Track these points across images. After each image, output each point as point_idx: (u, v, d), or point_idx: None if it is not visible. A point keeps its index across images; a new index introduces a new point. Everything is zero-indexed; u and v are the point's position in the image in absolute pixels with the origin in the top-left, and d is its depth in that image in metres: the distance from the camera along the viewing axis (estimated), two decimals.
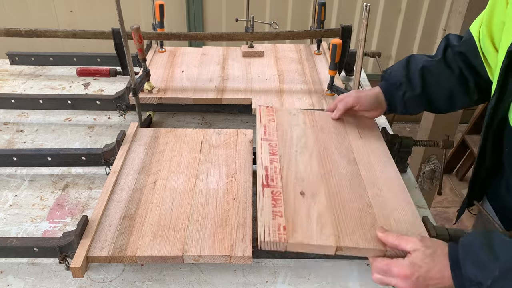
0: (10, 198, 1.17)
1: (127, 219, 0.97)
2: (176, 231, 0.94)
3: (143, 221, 0.97)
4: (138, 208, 1.00)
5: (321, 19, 1.63)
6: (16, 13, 3.08)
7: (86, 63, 1.75)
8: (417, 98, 1.12)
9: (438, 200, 2.98)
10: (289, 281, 0.96)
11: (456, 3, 1.86)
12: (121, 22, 1.18)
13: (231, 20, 3.24)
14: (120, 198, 1.03)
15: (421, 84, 1.11)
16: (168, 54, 1.72)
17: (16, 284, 0.95)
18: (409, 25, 3.31)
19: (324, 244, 0.85)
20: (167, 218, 0.97)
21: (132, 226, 0.95)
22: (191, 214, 0.98)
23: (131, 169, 1.12)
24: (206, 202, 1.02)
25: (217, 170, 1.11)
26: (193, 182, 1.07)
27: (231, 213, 0.99)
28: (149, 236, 0.93)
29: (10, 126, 1.47)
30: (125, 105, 1.41)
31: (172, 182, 1.07)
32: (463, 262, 0.75)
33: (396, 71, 1.16)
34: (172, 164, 1.13)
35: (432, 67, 1.11)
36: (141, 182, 1.08)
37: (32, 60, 1.77)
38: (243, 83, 1.52)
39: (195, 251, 0.90)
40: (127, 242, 0.92)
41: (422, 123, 2.34)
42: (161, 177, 1.09)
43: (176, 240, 0.92)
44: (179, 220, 0.97)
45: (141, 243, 0.92)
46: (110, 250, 0.90)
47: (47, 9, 3.07)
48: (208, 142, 1.21)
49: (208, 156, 1.16)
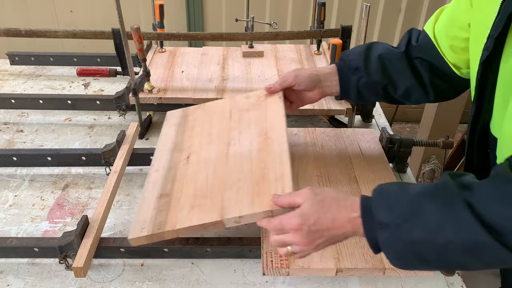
0: (10, 198, 1.17)
1: (164, 196, 0.93)
2: (212, 198, 0.89)
3: (179, 195, 0.92)
4: (174, 184, 0.95)
5: (321, 19, 1.63)
6: (16, 13, 3.07)
7: (86, 63, 1.75)
8: (372, 84, 1.08)
9: None
10: (289, 281, 0.96)
11: None
12: (121, 22, 1.18)
13: (231, 20, 3.24)
14: (155, 179, 0.99)
15: (380, 71, 1.07)
16: (168, 54, 1.72)
17: (16, 284, 0.95)
18: (409, 25, 3.31)
19: (324, 267, 0.87)
20: (203, 188, 0.92)
21: (169, 203, 0.91)
22: (226, 179, 0.92)
23: (164, 150, 1.07)
24: (241, 164, 0.95)
25: (248, 132, 1.04)
26: (225, 148, 1.01)
27: (267, 169, 0.92)
28: (186, 208, 0.88)
29: (10, 126, 1.47)
30: (125, 105, 1.41)
31: (205, 153, 1.02)
32: (375, 206, 0.72)
33: (355, 54, 1.10)
34: (203, 137, 1.07)
35: (393, 57, 1.08)
36: (174, 160, 1.03)
37: (32, 60, 1.77)
38: (243, 83, 1.52)
39: (234, 212, 0.84)
40: (165, 218, 0.87)
41: (422, 123, 2.34)
42: (194, 151, 1.04)
43: (214, 206, 0.87)
44: (215, 187, 0.91)
45: (180, 217, 0.86)
46: (149, 229, 0.85)
47: (47, 9, 3.07)
48: (237, 108, 1.14)
49: (238, 121, 1.09)
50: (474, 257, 0.66)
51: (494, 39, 0.78)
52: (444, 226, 0.66)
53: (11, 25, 1.65)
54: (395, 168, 1.29)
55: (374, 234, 0.72)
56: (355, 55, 1.10)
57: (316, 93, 1.11)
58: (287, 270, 0.87)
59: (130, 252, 0.97)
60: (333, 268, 0.87)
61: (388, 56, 1.08)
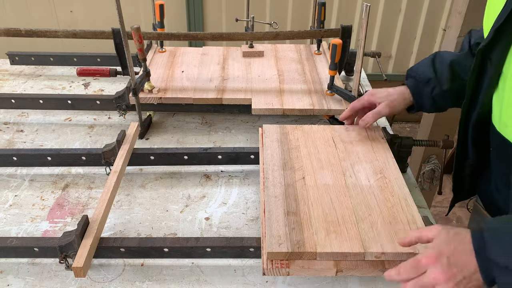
0: (10, 198, 1.17)
1: (291, 214, 0.96)
2: (347, 227, 0.93)
3: (308, 217, 0.95)
4: (299, 204, 0.99)
5: (321, 19, 1.63)
6: (16, 13, 3.08)
7: (86, 63, 1.75)
8: (446, 92, 1.11)
9: (438, 200, 2.97)
10: (289, 281, 0.96)
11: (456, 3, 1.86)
12: (121, 22, 1.18)
13: (231, 20, 3.24)
14: (276, 193, 1.02)
15: (451, 77, 1.10)
16: (168, 54, 1.72)
17: (16, 284, 0.95)
18: (409, 25, 3.31)
19: (324, 268, 0.88)
20: (332, 214, 0.96)
21: (300, 222, 0.94)
22: (355, 211, 0.97)
23: (274, 165, 1.10)
24: (365, 199, 1.00)
25: (361, 166, 1.10)
26: (342, 178, 1.06)
27: (396, 210, 0.97)
28: (322, 232, 0.92)
29: (10, 126, 1.47)
30: (125, 105, 1.41)
31: (320, 178, 1.06)
32: (491, 244, 0.68)
33: (423, 67, 1.15)
34: (313, 160, 1.12)
35: (461, 59, 1.10)
36: (289, 178, 1.06)
37: (32, 60, 1.77)
38: (243, 83, 1.52)
39: (376, 248, 0.88)
40: (302, 238, 0.90)
41: (422, 123, 2.34)
42: (308, 173, 1.08)
43: (352, 236, 0.91)
44: (346, 216, 0.95)
45: (318, 239, 0.90)
46: (288, 246, 0.88)
47: (47, 9, 3.07)
48: (339, 138, 1.20)
49: (346, 153, 1.15)
50: None
51: (495, 30, 0.78)
52: None
53: (11, 25, 1.65)
54: None
55: (490, 273, 0.68)
56: (423, 68, 1.14)
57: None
58: (287, 270, 0.88)
59: (130, 252, 0.97)
60: (333, 268, 0.88)
61: (457, 60, 1.10)
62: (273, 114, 1.42)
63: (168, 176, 1.26)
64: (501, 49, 0.80)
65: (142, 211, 1.14)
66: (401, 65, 3.49)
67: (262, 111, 1.40)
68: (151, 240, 0.97)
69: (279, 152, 1.15)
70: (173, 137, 1.42)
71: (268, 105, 1.40)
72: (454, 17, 1.88)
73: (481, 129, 0.92)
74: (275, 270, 0.88)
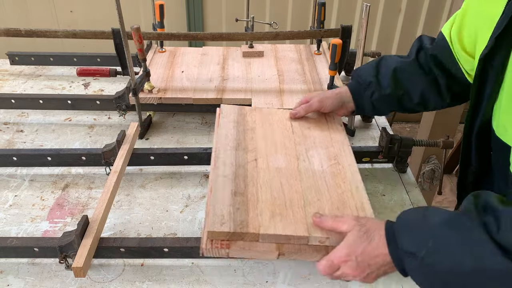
0: (10, 198, 1.17)
1: (238, 195, 0.93)
2: (294, 211, 0.91)
3: (256, 198, 0.93)
4: (247, 185, 0.97)
5: (321, 19, 1.63)
6: (16, 13, 3.07)
7: (86, 63, 1.75)
8: (386, 97, 1.11)
9: (438, 200, 2.98)
10: (289, 281, 0.96)
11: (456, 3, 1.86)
12: (121, 22, 1.18)
13: (231, 20, 3.24)
14: (225, 173, 0.99)
15: (392, 84, 1.10)
16: (168, 54, 1.72)
17: (16, 284, 0.95)
18: (409, 25, 3.31)
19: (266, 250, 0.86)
20: (280, 198, 0.94)
21: (246, 203, 0.91)
22: (304, 195, 0.95)
23: (227, 145, 1.08)
24: (316, 184, 0.99)
25: (315, 151, 1.09)
26: (295, 162, 1.05)
27: (346, 196, 0.96)
28: (267, 214, 0.89)
29: (10, 126, 1.47)
30: (125, 105, 1.41)
31: (274, 161, 1.05)
32: (398, 235, 0.76)
33: (366, 70, 1.15)
34: (268, 143, 1.10)
35: (405, 67, 1.11)
36: (241, 158, 1.04)
37: (32, 60, 1.77)
38: (243, 83, 1.52)
39: (321, 232, 0.86)
40: (246, 218, 0.88)
41: (422, 123, 2.34)
42: (260, 155, 1.06)
43: (298, 219, 0.88)
44: (294, 200, 0.94)
45: (262, 221, 0.87)
46: (231, 226, 0.86)
47: (47, 9, 3.07)
48: (297, 122, 1.19)
49: (303, 137, 1.14)
50: (501, 285, 0.66)
51: (495, 38, 0.78)
52: (467, 255, 0.68)
53: (11, 25, 1.65)
54: (395, 168, 1.29)
55: (401, 262, 0.76)
56: (367, 71, 1.14)
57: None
58: (227, 251, 0.85)
59: (130, 252, 0.97)
60: (275, 251, 0.86)
61: (402, 67, 1.11)
62: None
63: (168, 176, 1.26)
64: (501, 56, 0.80)
65: (142, 211, 1.14)
66: None
67: None
68: (151, 240, 0.97)
69: (234, 132, 1.12)
70: (173, 137, 1.42)
71: (268, 105, 1.40)
72: None
73: (484, 136, 0.92)
74: (214, 251, 0.85)
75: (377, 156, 1.27)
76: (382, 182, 1.25)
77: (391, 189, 1.23)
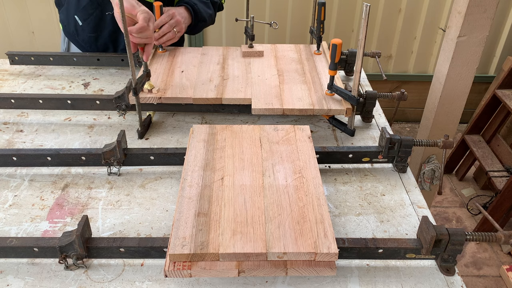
0: (10, 198, 1.17)
1: (202, 215, 0.96)
2: (254, 227, 0.93)
3: (218, 218, 0.95)
4: (211, 204, 0.99)
5: (321, 19, 1.63)
6: (16, 13, 3.07)
7: (86, 63, 1.75)
8: None
9: (438, 200, 2.98)
10: (289, 281, 0.96)
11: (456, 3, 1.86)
12: (124, 21, 1.18)
13: (231, 20, 3.24)
14: (191, 194, 1.02)
15: None
16: (168, 54, 1.72)
17: (16, 284, 0.95)
18: (409, 25, 3.32)
19: (226, 268, 0.89)
20: (243, 215, 0.96)
21: (209, 223, 0.94)
22: (266, 211, 0.98)
23: (195, 166, 1.11)
24: (279, 199, 1.01)
25: (281, 166, 1.12)
26: (261, 178, 1.07)
27: (307, 209, 0.98)
28: (228, 233, 0.92)
29: (10, 126, 1.47)
30: (125, 105, 1.41)
31: (240, 178, 1.07)
32: None
33: None
34: (236, 160, 1.13)
35: None
36: (208, 178, 1.07)
37: (32, 60, 1.77)
38: (243, 83, 1.52)
39: (279, 248, 0.89)
40: (207, 239, 0.90)
41: (422, 123, 2.34)
42: (227, 174, 1.08)
43: (257, 236, 0.91)
44: (255, 217, 0.96)
45: (222, 240, 0.90)
46: (191, 248, 0.88)
47: (47, 9, 3.07)
48: (266, 138, 1.22)
49: (270, 153, 1.16)
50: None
51: None
52: None
53: (11, 25, 1.64)
54: (395, 168, 1.29)
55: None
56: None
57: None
58: (189, 271, 0.88)
59: (130, 252, 0.97)
60: (235, 269, 0.89)
61: None
62: (273, 114, 1.42)
63: (168, 176, 1.26)
64: None
65: (142, 211, 1.14)
66: (401, 65, 3.49)
67: (262, 111, 1.40)
68: (151, 240, 0.97)
69: (203, 152, 1.16)
70: (173, 137, 1.42)
71: (268, 105, 1.40)
72: (454, 17, 1.87)
73: None
74: (176, 272, 0.88)
75: (377, 156, 1.27)
76: (382, 182, 1.25)
77: (391, 189, 1.23)
